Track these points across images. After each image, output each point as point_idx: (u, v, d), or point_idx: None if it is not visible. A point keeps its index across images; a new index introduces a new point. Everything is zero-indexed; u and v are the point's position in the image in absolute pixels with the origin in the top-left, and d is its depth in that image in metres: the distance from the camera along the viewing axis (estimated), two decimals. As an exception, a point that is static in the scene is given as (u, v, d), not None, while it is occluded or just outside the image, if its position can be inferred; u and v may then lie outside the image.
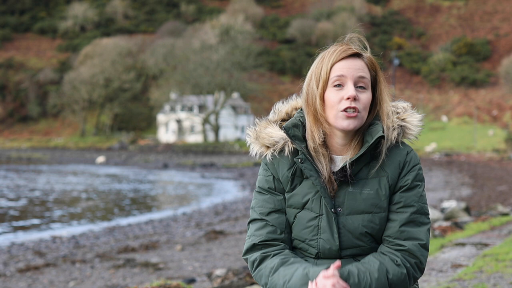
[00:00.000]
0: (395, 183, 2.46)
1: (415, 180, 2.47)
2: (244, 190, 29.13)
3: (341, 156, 2.49)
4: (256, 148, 2.55)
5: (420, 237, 2.44)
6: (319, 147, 2.46)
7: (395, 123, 2.49)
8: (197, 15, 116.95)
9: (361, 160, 2.45)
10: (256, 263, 2.49)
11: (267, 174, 2.53)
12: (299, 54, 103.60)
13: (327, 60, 2.45)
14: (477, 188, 26.00)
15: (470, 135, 69.73)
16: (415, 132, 2.51)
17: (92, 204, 24.34)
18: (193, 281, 9.04)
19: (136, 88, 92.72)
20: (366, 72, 2.45)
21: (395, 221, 2.44)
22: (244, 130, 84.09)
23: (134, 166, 51.80)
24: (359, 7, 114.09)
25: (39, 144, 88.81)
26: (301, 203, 2.47)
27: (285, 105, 2.62)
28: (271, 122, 2.58)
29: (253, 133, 2.57)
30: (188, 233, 15.72)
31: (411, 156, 2.48)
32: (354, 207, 2.44)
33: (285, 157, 2.51)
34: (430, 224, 2.50)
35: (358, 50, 2.47)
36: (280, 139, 2.51)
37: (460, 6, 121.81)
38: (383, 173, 2.45)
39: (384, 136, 2.42)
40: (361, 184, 2.45)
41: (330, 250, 2.45)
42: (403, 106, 2.55)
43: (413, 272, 2.44)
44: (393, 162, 2.46)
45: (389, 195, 2.46)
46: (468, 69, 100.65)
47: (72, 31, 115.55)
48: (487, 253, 7.79)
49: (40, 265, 11.85)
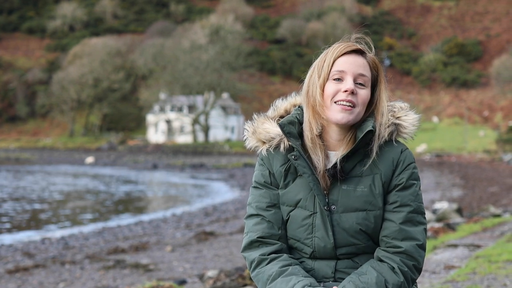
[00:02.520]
0: (389, 181, 2.47)
1: (410, 179, 2.47)
2: (234, 191, 29.08)
3: (335, 152, 2.50)
4: (252, 142, 2.58)
5: (417, 237, 2.44)
6: (316, 138, 2.47)
7: (389, 120, 2.50)
8: (187, 15, 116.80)
9: (354, 157, 2.47)
10: (254, 264, 2.50)
11: (263, 169, 2.56)
12: (289, 54, 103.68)
13: (331, 54, 2.48)
14: (468, 189, 26.07)
15: (461, 136, 69.95)
16: (409, 131, 2.51)
17: (81, 205, 24.22)
18: (184, 282, 8.99)
19: (125, 88, 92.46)
20: (366, 71, 2.47)
21: (392, 221, 2.45)
22: (234, 131, 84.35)
23: (123, 167, 51.63)
24: (350, 7, 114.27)
25: (27, 144, 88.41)
26: (294, 201, 2.49)
27: (284, 102, 2.64)
28: (269, 118, 2.60)
29: (250, 127, 2.59)
30: (178, 234, 15.66)
31: (405, 155, 2.48)
32: (348, 204, 2.45)
33: (279, 153, 2.53)
34: (426, 224, 2.51)
35: (361, 47, 2.50)
36: (276, 135, 2.53)
37: (451, 7, 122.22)
38: (376, 170, 2.46)
39: (372, 131, 2.43)
40: (355, 181, 2.46)
41: (325, 249, 2.45)
42: (400, 105, 2.57)
43: (411, 275, 2.44)
44: (386, 159, 2.47)
45: (383, 193, 2.46)
46: (459, 69, 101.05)
47: (61, 31, 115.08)
48: (479, 255, 7.77)
49: (30, 266, 11.76)
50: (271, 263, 2.46)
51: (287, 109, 2.62)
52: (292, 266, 2.44)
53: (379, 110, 2.48)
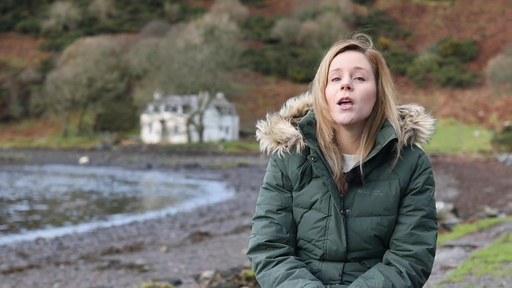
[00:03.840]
0: (406, 186, 2.45)
1: (426, 184, 2.45)
2: (228, 191, 29.03)
3: (352, 155, 2.47)
4: (267, 143, 2.53)
5: (428, 242, 2.42)
6: (329, 144, 2.44)
7: (408, 125, 2.48)
8: (181, 14, 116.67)
9: (373, 162, 2.44)
10: (260, 266, 2.47)
11: (275, 171, 2.51)
12: (284, 54, 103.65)
13: (326, 57, 2.48)
14: (463, 189, 26.10)
15: (456, 136, 70.05)
16: (427, 136, 2.50)
17: (75, 205, 24.14)
18: (179, 283, 8.95)
19: (120, 88, 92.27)
20: (364, 63, 2.45)
21: (405, 224, 2.43)
22: (229, 131, 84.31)
23: (117, 167, 51.52)
24: (345, 7, 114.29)
25: (21, 144, 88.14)
26: (309, 203, 2.45)
27: (297, 101, 2.61)
28: (282, 118, 2.56)
29: (264, 128, 2.54)
30: (173, 234, 15.61)
31: (422, 159, 2.47)
32: (363, 209, 2.42)
33: (296, 154, 2.49)
34: (438, 230, 2.49)
35: (355, 43, 2.48)
36: (292, 136, 2.49)
37: (446, 6, 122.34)
38: (394, 175, 2.44)
39: (397, 139, 2.41)
40: (371, 186, 2.43)
41: (336, 252, 2.43)
42: (416, 109, 2.55)
43: (418, 280, 2.42)
44: (405, 164, 2.45)
45: (400, 198, 2.44)
46: (454, 69, 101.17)
47: (55, 31, 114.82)
48: (476, 255, 7.76)
49: (24, 266, 11.70)
50: (278, 266, 2.43)
51: (299, 108, 2.59)
52: (299, 269, 2.41)
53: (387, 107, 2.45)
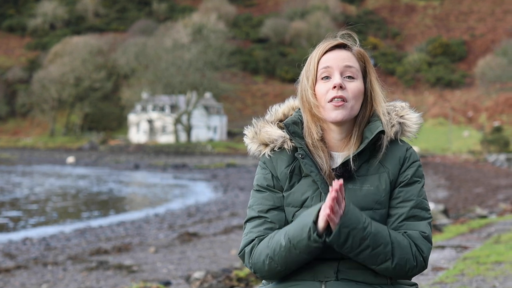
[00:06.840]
0: (395, 179, 2.46)
1: (415, 176, 2.46)
2: (217, 192, 28.96)
3: (340, 153, 2.48)
4: (254, 147, 2.54)
5: (421, 229, 2.40)
6: (317, 142, 2.45)
7: (394, 120, 2.50)
8: (169, 13, 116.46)
9: (361, 157, 2.45)
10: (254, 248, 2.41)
11: (265, 172, 2.51)
12: (273, 53, 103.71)
13: (315, 54, 2.48)
14: (453, 190, 26.18)
15: (445, 137, 70.29)
16: (413, 130, 2.52)
17: (62, 205, 23.99)
18: (169, 284, 8.89)
19: (107, 88, 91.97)
20: (353, 62, 2.47)
21: (395, 216, 2.43)
22: (217, 131, 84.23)
23: (104, 167, 51.31)
24: (333, 6, 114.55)
25: (7, 144, 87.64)
26: (300, 201, 2.44)
27: (282, 106, 2.63)
28: (269, 122, 2.57)
29: (250, 132, 2.55)
30: (161, 235, 15.53)
31: (410, 152, 2.49)
32: (354, 203, 2.40)
33: (284, 154, 2.50)
34: (431, 219, 2.47)
35: (343, 41, 2.49)
36: (278, 137, 2.50)
37: (436, 6, 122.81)
38: (383, 169, 2.45)
39: (384, 131, 2.43)
40: (361, 180, 2.44)
41: (330, 248, 2.38)
42: (401, 105, 2.59)
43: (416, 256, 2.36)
44: (393, 158, 2.46)
45: (390, 191, 2.45)
46: (444, 69, 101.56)
47: (42, 29, 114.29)
48: (467, 256, 7.74)
49: (11, 267, 11.58)
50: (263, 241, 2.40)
51: (285, 112, 2.60)
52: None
53: (378, 104, 2.49)
